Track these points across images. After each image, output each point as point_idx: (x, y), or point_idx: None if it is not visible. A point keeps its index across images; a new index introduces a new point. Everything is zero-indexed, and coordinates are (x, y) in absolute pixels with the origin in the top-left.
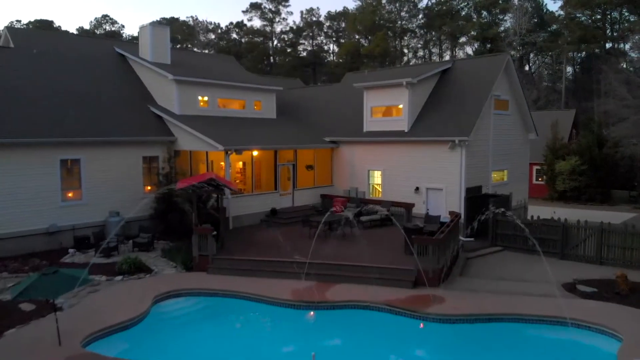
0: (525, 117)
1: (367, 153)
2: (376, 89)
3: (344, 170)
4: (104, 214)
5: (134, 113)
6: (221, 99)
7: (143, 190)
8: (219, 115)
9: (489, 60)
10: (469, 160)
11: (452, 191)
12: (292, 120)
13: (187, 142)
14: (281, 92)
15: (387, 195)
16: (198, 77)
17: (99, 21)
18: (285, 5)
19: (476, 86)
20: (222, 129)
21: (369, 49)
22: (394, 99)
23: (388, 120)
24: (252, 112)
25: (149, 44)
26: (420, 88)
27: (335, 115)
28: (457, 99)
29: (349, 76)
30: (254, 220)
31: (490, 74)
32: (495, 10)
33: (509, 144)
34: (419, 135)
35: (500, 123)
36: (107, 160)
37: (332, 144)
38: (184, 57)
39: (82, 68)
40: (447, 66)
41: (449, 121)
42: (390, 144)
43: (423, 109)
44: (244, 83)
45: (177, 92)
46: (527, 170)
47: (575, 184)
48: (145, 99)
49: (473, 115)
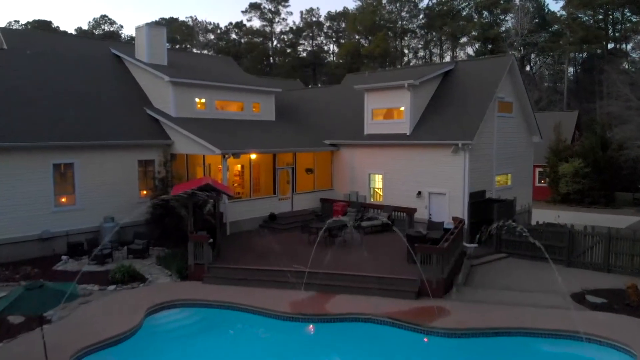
0: (529, 119)
1: (367, 156)
2: (377, 91)
3: (344, 173)
4: (98, 220)
5: (129, 116)
6: (219, 101)
7: (139, 195)
8: (216, 117)
9: (493, 61)
10: (472, 164)
11: (455, 196)
12: (292, 122)
13: (184, 146)
14: (280, 93)
15: (389, 200)
16: (195, 79)
17: (98, 21)
18: (285, 5)
19: (479, 88)
20: (219, 132)
21: (369, 50)
22: (395, 101)
23: (389, 123)
24: (250, 115)
25: (145, 45)
26: (422, 90)
27: (335, 117)
28: (460, 102)
29: (349, 77)
30: (252, 225)
31: (494, 75)
32: (496, 10)
33: (513, 147)
34: (421, 138)
35: (504, 126)
36: (102, 164)
37: (332, 147)
38: (181, 58)
39: (77, 70)
40: (449, 67)
41: (451, 124)
42: (392, 147)
43: (425, 112)
44: (243, 85)
45: (173, 94)
46: (531, 174)
47: (578, 187)
48: (141, 101)
49: (476, 118)
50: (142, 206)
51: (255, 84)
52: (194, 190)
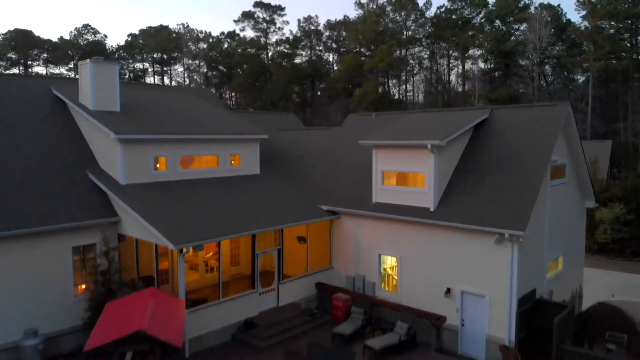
0: (583, 180)
1: (377, 231)
2: (390, 148)
3: (347, 248)
4: (17, 333)
5: (64, 184)
6: (186, 156)
7: (74, 292)
8: (182, 178)
9: (542, 111)
10: (522, 259)
11: (498, 300)
12: (280, 176)
13: (133, 227)
14: (270, 133)
15: (406, 293)
16: (153, 133)
17: (80, 31)
18: (281, 14)
19: (527, 149)
20: (179, 210)
21: (372, 64)
22: (414, 164)
23: (406, 192)
24: (228, 170)
25: (90, 88)
26: (449, 149)
27: (335, 170)
28: (501, 167)
29: (351, 119)
30: (222, 338)
31: (546, 131)
32: (509, 19)
33: (566, 220)
34: (451, 218)
35: (556, 196)
36: (19, 260)
37: (331, 214)
38: (142, 96)
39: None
40: (483, 117)
41: (491, 201)
42: (410, 225)
43: (453, 178)
44: (217, 135)
45: (122, 155)
46: (583, 249)
47: (619, 235)
48: (84, 161)
49: (528, 196)
50: (80, 305)
51: (235, 130)
52: (121, 338)
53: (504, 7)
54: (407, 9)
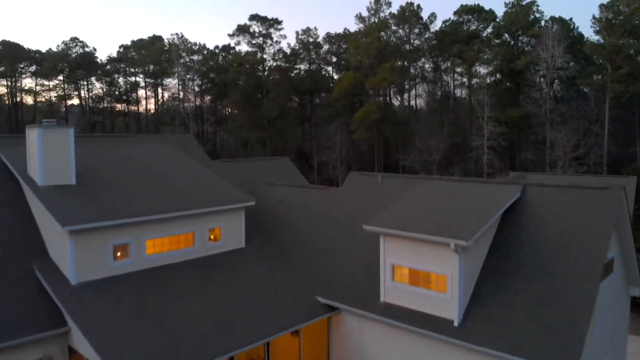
0: (630, 266)
1: (387, 339)
2: (402, 239)
3: (349, 352)
4: None
5: (8, 283)
6: (152, 239)
7: None
8: (148, 266)
9: (587, 194)
10: None
11: None
12: (269, 251)
13: (84, 343)
14: (259, 189)
15: None
16: (111, 218)
17: (68, 45)
18: (278, 28)
19: (572, 248)
20: (138, 322)
21: (374, 83)
22: (433, 262)
23: (423, 295)
24: (205, 248)
25: (38, 160)
26: (477, 246)
27: (335, 248)
28: (539, 271)
29: (353, 177)
30: None
31: (595, 227)
32: (518, 33)
33: (611, 318)
34: (483, 342)
35: (604, 296)
36: None
37: (329, 310)
38: (107, 155)
39: None
40: (514, 198)
41: (532, 321)
42: (429, 339)
43: (481, 280)
44: (194, 209)
45: (72, 248)
46: (625, 343)
47: None
48: (35, 248)
49: (580, 324)
50: None
51: (216, 199)
52: None
53: (513, 22)
54: (410, 22)
